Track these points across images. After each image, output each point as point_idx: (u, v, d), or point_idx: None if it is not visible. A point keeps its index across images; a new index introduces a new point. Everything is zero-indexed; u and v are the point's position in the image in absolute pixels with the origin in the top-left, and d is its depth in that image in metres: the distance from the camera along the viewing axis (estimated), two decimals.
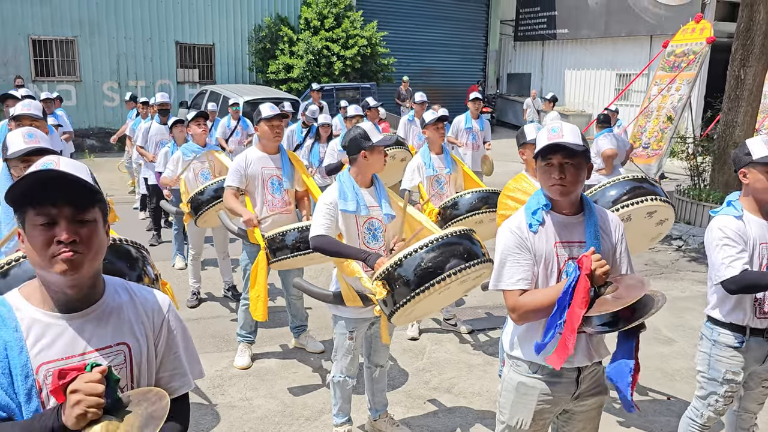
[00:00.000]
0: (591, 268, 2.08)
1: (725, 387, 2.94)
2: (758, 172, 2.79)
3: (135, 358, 1.55)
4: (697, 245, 8.20)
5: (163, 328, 1.62)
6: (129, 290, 1.61)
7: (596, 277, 2.09)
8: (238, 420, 3.95)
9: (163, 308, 1.64)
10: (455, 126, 8.38)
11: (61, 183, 1.42)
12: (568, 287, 2.10)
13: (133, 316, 1.57)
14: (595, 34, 20.24)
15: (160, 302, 1.64)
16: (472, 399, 4.25)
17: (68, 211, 1.42)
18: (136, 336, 1.56)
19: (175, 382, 1.65)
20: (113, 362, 1.50)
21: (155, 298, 1.64)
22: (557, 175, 2.23)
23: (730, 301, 2.87)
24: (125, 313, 1.56)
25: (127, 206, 9.72)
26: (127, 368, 1.54)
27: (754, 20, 8.26)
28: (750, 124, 8.66)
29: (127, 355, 1.54)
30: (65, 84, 16.05)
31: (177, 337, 1.65)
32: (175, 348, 1.65)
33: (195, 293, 6.02)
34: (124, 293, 1.59)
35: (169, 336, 1.64)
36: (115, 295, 1.57)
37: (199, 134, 5.82)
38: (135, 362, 1.55)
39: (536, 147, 2.29)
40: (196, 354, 1.73)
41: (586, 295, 2.07)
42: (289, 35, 17.42)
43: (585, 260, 2.10)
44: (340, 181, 3.34)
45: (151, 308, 1.61)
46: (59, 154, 3.03)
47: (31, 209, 1.42)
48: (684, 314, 5.80)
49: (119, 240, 2.35)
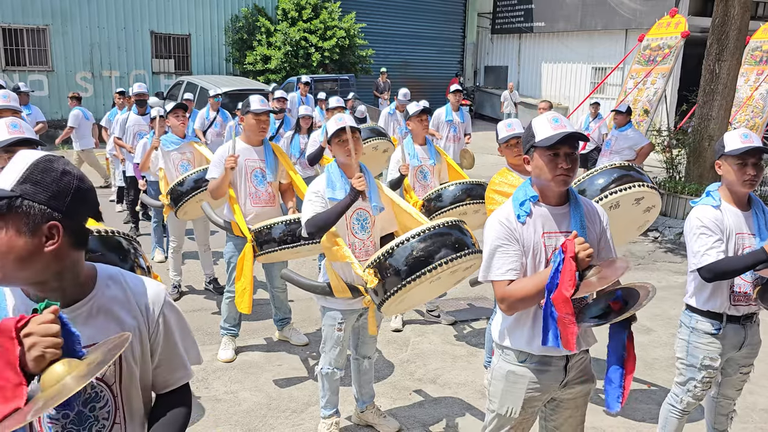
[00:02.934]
0: (575, 251, 2.11)
1: (703, 373, 3.02)
2: (729, 164, 2.86)
3: (125, 354, 1.50)
4: (673, 236, 8.35)
5: (159, 323, 1.57)
6: (123, 282, 1.55)
7: (580, 260, 2.11)
8: (224, 413, 3.94)
9: (158, 301, 1.58)
10: (436, 118, 8.39)
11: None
12: (554, 272, 2.13)
13: (125, 311, 1.52)
14: (571, 27, 20.42)
15: (154, 295, 1.58)
16: (457, 389, 4.29)
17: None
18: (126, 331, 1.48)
19: (175, 374, 1.63)
20: None
21: (150, 291, 1.58)
22: (565, 165, 2.26)
23: (707, 289, 2.94)
24: (116, 308, 1.51)
25: (103, 198, 9.57)
26: (116, 365, 1.50)
27: (729, 15, 8.41)
28: (724, 118, 8.83)
29: None
30: (37, 74, 15.72)
31: (173, 329, 1.61)
32: (172, 340, 1.61)
33: (176, 286, 5.97)
34: (117, 287, 1.54)
35: (166, 329, 1.59)
36: (107, 290, 1.51)
37: (177, 126, 5.75)
38: (124, 359, 1.51)
39: (538, 136, 2.29)
40: (193, 339, 1.70)
41: (572, 278, 2.09)
42: (266, 26, 17.27)
43: (569, 244, 2.13)
44: (328, 171, 3.34)
45: (145, 302, 1.56)
46: (44, 145, 2.98)
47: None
48: (661, 304, 5.92)
49: (110, 232, 2.32)
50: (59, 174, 1.38)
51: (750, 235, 2.88)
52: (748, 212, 2.93)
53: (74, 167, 1.43)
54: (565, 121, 2.32)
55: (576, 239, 2.14)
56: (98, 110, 15.75)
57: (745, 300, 2.94)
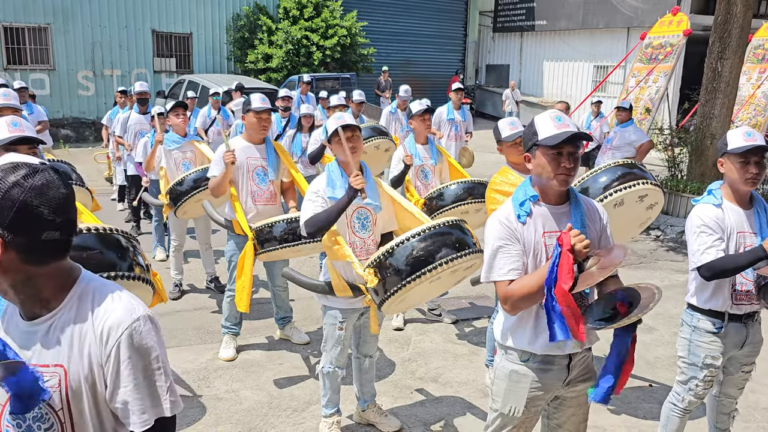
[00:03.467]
0: (571, 243, 2.11)
1: (705, 372, 3.01)
2: (731, 162, 2.85)
3: (71, 383, 1.39)
4: (675, 235, 8.34)
5: (111, 357, 1.38)
6: (90, 302, 1.42)
7: (577, 252, 2.10)
8: (225, 412, 3.94)
9: (114, 333, 1.38)
10: (437, 117, 8.38)
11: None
12: (552, 266, 2.13)
13: (79, 337, 1.39)
14: (573, 25, 20.38)
15: (114, 324, 1.39)
16: (459, 388, 4.29)
17: None
18: (75, 360, 1.39)
19: (126, 419, 1.43)
20: (47, 383, 1.38)
21: (112, 318, 1.39)
22: (568, 165, 2.25)
23: (708, 288, 2.94)
24: (71, 332, 1.39)
25: (104, 197, 9.57)
26: (62, 393, 1.39)
27: (731, 13, 8.38)
28: (726, 116, 8.80)
29: (62, 378, 1.39)
30: (38, 72, 15.72)
31: (127, 370, 1.39)
32: (122, 382, 1.40)
33: (177, 285, 5.97)
34: (83, 306, 1.41)
35: (118, 367, 1.39)
36: (71, 309, 1.40)
37: (178, 124, 5.75)
38: (70, 388, 1.39)
39: (542, 134, 2.28)
40: (163, 387, 1.44)
41: (570, 271, 2.08)
42: (267, 25, 17.25)
43: (564, 237, 2.12)
44: (328, 170, 3.33)
45: (103, 331, 1.39)
46: (43, 143, 2.98)
47: None
48: (663, 303, 5.89)
49: (109, 230, 2.31)
50: (7, 187, 1.30)
51: (751, 234, 2.87)
52: (749, 210, 2.92)
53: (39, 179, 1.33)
54: (568, 119, 2.31)
55: (571, 232, 2.13)
56: (100, 109, 15.79)
57: (747, 299, 2.93)
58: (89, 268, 1.52)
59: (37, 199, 1.31)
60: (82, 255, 2.30)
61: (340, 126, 3.25)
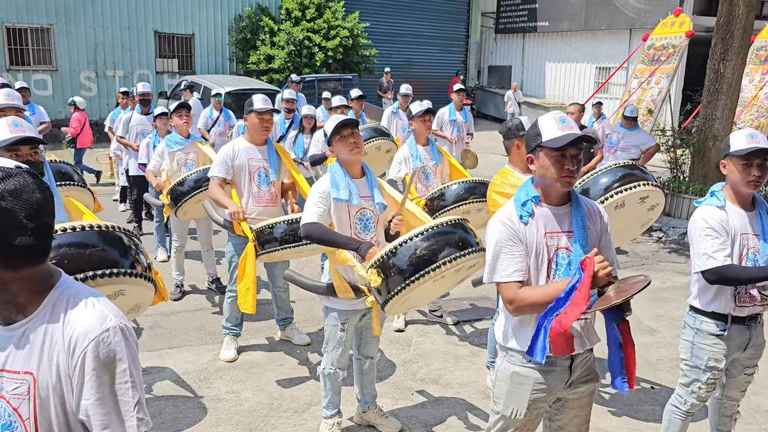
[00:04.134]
0: (594, 270, 2.10)
1: (708, 374, 3.00)
2: (734, 164, 2.84)
3: (39, 391, 1.36)
4: (677, 236, 8.32)
5: (77, 368, 1.34)
6: (64, 309, 1.38)
7: (599, 279, 2.12)
8: (225, 413, 3.93)
9: (81, 342, 1.34)
10: (439, 118, 8.38)
11: None
12: (570, 288, 2.12)
13: (49, 344, 1.36)
14: (575, 27, 20.37)
15: (82, 333, 1.34)
16: (460, 390, 4.27)
17: None
18: (44, 368, 1.36)
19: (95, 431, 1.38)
20: (17, 390, 1.37)
21: (81, 327, 1.35)
22: (572, 167, 2.26)
23: (711, 290, 2.93)
24: (42, 339, 1.36)
25: (106, 197, 9.58)
26: (30, 401, 1.36)
27: (734, 14, 8.37)
28: (729, 118, 8.78)
29: (31, 386, 1.36)
30: (41, 73, 15.74)
31: (90, 382, 1.34)
32: (85, 395, 1.35)
33: (179, 286, 5.96)
34: (56, 313, 1.37)
35: (82, 378, 1.34)
36: (45, 315, 1.37)
37: (181, 125, 5.76)
38: (39, 396, 1.36)
39: (546, 136, 2.27)
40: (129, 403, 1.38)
41: (586, 297, 2.09)
42: (270, 26, 17.26)
43: (588, 262, 2.13)
44: (331, 171, 3.32)
45: (71, 339, 1.35)
46: (45, 144, 2.98)
47: None
48: (665, 304, 5.89)
49: (111, 227, 2.31)
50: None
51: (754, 236, 2.86)
52: (752, 213, 2.91)
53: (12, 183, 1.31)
54: (571, 121, 2.32)
55: (596, 258, 2.13)
56: (102, 110, 15.82)
57: (750, 301, 2.92)
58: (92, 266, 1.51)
59: (10, 203, 1.29)
60: (85, 252, 2.30)
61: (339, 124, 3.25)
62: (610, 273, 2.13)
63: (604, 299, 2.13)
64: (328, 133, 3.31)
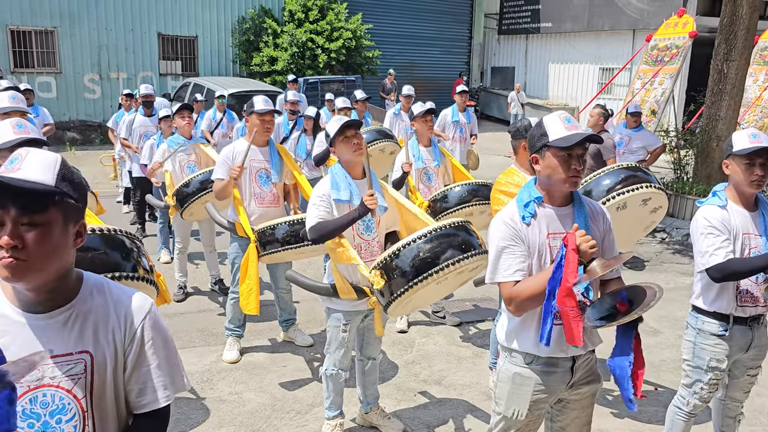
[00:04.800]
0: (576, 243, 2.10)
1: (710, 375, 2.99)
2: (737, 164, 2.84)
3: (97, 368, 1.44)
4: (681, 237, 8.30)
5: (135, 339, 1.48)
6: (106, 292, 1.49)
7: (583, 252, 2.11)
8: (228, 414, 3.94)
9: (137, 316, 1.49)
10: (442, 119, 8.38)
11: (8, 186, 1.31)
12: (557, 266, 2.12)
13: (103, 322, 1.45)
14: (578, 27, 20.35)
15: (136, 309, 1.50)
16: (462, 391, 4.27)
17: (14, 213, 1.31)
18: (101, 345, 1.45)
19: (145, 397, 1.51)
20: (71, 371, 1.42)
21: (132, 304, 1.50)
22: (578, 167, 2.26)
23: (713, 290, 2.92)
24: (94, 319, 1.45)
25: (110, 199, 9.60)
26: (87, 378, 1.44)
27: (737, 15, 8.35)
28: (732, 118, 8.77)
29: (88, 364, 1.44)
30: (45, 75, 15.80)
31: (151, 350, 1.50)
32: (146, 361, 1.50)
33: (181, 287, 5.98)
34: (100, 296, 1.48)
35: (141, 348, 1.49)
36: (89, 298, 1.46)
37: (183, 126, 5.77)
38: (96, 373, 1.44)
39: (552, 135, 2.27)
40: (178, 365, 1.58)
41: (574, 270, 2.09)
42: (273, 27, 17.29)
43: (570, 237, 2.13)
44: (332, 172, 3.33)
45: (126, 315, 1.48)
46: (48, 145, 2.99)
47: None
48: (668, 305, 5.88)
49: (113, 230, 2.32)
50: (78, 175, 1.43)
51: (756, 236, 2.86)
52: (755, 212, 2.90)
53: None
54: (575, 121, 2.32)
55: (577, 232, 2.14)
56: (105, 112, 15.85)
57: (752, 301, 2.91)
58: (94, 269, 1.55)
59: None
60: (87, 255, 2.32)
61: (343, 125, 3.26)
62: (593, 245, 2.13)
63: (590, 272, 2.14)
64: (331, 134, 3.31)
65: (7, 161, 1.38)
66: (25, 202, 1.32)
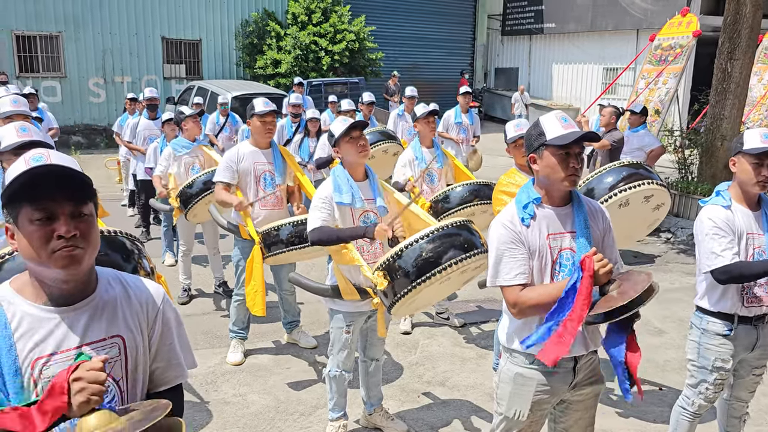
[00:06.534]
0: (594, 269, 2.09)
1: (715, 375, 2.98)
2: (746, 162, 2.82)
3: (130, 350, 1.55)
4: (686, 237, 8.27)
5: (158, 320, 1.62)
6: (122, 282, 1.60)
7: (599, 277, 2.11)
8: (232, 416, 3.94)
9: (157, 300, 1.63)
10: (445, 120, 8.39)
11: (59, 177, 1.40)
12: (570, 287, 2.11)
13: (127, 308, 1.56)
14: (582, 28, 20.31)
15: (154, 293, 1.63)
16: (466, 392, 4.26)
17: (68, 205, 1.40)
18: (130, 328, 1.55)
19: (171, 372, 1.66)
20: (108, 354, 1.49)
21: (150, 289, 1.63)
22: (576, 165, 2.26)
23: (717, 290, 2.91)
24: (119, 305, 1.55)
25: (115, 203, 9.63)
26: (122, 361, 1.54)
27: (741, 14, 8.31)
28: (737, 117, 8.72)
29: (121, 347, 1.53)
30: (50, 80, 15.87)
31: (170, 329, 1.65)
32: (170, 339, 1.65)
33: (186, 290, 5.99)
34: (117, 285, 1.58)
35: (164, 327, 1.63)
36: (109, 288, 1.56)
37: (193, 128, 5.80)
38: (130, 355, 1.55)
39: (550, 134, 2.26)
40: (189, 343, 1.73)
41: (588, 298, 2.07)
42: (276, 30, 17.34)
43: (587, 261, 2.10)
44: (334, 174, 3.33)
45: (146, 300, 1.60)
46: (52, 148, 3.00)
47: (28, 204, 1.39)
48: (673, 305, 5.86)
49: (114, 232, 2.34)
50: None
51: (760, 235, 2.84)
52: (758, 212, 2.89)
53: None
54: (572, 120, 2.32)
55: (595, 256, 2.12)
56: (110, 115, 15.91)
57: (757, 302, 2.90)
58: None
59: None
60: None
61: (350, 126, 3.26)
62: (610, 271, 2.12)
63: (607, 300, 2.11)
64: (336, 135, 3.31)
65: (31, 159, 1.42)
66: (75, 194, 1.42)
